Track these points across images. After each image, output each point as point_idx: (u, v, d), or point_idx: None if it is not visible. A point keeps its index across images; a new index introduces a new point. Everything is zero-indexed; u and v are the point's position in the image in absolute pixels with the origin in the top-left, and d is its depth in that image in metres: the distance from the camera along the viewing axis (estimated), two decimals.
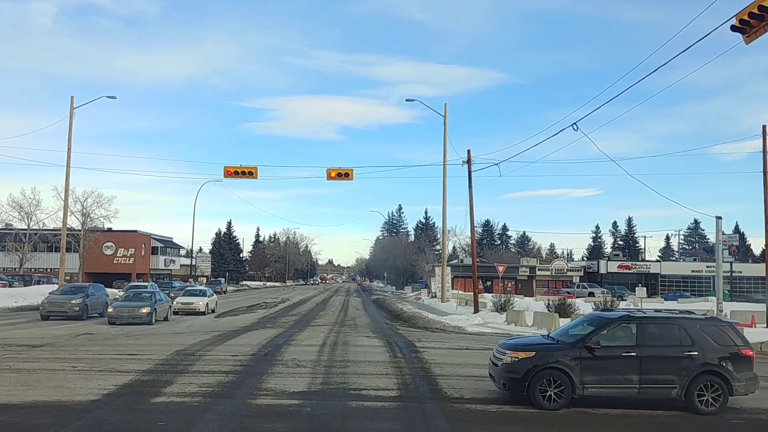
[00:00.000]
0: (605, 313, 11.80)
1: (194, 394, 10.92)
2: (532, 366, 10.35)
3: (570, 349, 10.55)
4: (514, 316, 29.61)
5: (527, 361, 10.44)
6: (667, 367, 10.41)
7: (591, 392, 10.34)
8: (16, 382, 11.67)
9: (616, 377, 10.35)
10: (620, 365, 10.36)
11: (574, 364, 10.34)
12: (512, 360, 10.58)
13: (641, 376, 10.31)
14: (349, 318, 33.76)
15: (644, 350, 10.43)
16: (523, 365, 10.41)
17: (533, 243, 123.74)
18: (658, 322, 10.96)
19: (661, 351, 10.51)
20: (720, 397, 10.40)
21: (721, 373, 10.44)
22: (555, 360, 10.41)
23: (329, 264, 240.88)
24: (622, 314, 11.30)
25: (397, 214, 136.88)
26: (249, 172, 35.81)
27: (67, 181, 42.06)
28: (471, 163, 34.88)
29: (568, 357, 10.41)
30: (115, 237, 70.72)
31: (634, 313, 11.44)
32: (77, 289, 30.12)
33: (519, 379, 10.38)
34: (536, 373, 10.31)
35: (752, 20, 11.99)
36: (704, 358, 10.46)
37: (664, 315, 11.63)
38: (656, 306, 40.93)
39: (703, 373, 10.41)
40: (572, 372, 10.29)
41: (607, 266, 76.45)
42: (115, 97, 43.18)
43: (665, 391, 10.41)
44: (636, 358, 10.35)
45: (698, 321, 11.07)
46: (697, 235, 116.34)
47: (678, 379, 10.37)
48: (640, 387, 10.33)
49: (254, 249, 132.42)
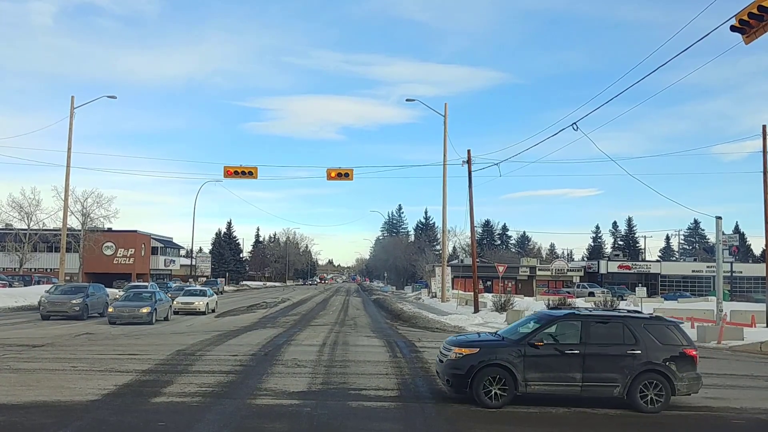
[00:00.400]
0: (551, 311, 11.76)
1: (194, 394, 10.93)
2: (476, 362, 10.25)
3: (514, 346, 10.48)
4: (514, 316, 29.57)
5: (471, 357, 10.35)
6: (611, 366, 10.36)
7: (533, 390, 10.27)
8: (16, 382, 11.67)
9: (559, 375, 10.29)
10: (564, 363, 10.30)
11: (517, 361, 10.25)
12: (457, 356, 10.48)
13: (584, 374, 10.26)
14: (349, 318, 33.77)
15: (588, 348, 10.38)
16: (466, 362, 10.32)
17: (533, 243, 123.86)
18: (603, 320, 10.97)
19: (605, 349, 10.45)
20: (662, 396, 10.36)
21: (664, 372, 10.41)
22: (499, 357, 10.31)
23: (329, 264, 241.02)
24: (567, 312, 11.33)
25: (397, 214, 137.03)
26: (249, 172, 35.83)
27: (67, 181, 42.09)
28: (471, 163, 34.92)
29: (513, 354, 10.32)
30: (115, 237, 70.73)
31: (579, 311, 11.49)
32: (77, 289, 30.14)
33: (462, 375, 10.28)
34: (479, 369, 10.22)
35: (752, 20, 12.00)
36: (647, 357, 10.42)
37: (609, 313, 11.81)
38: (656, 305, 40.95)
39: (645, 372, 10.36)
40: (515, 369, 10.21)
41: (607, 266, 76.44)
42: (115, 97, 43.29)
43: (608, 389, 10.37)
44: (579, 356, 10.31)
45: (643, 320, 11.05)
46: (697, 235, 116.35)
47: (621, 377, 10.32)
48: (582, 385, 10.28)
49: (254, 249, 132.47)
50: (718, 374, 15.35)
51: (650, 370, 10.38)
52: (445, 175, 42.64)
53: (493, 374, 10.22)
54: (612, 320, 10.93)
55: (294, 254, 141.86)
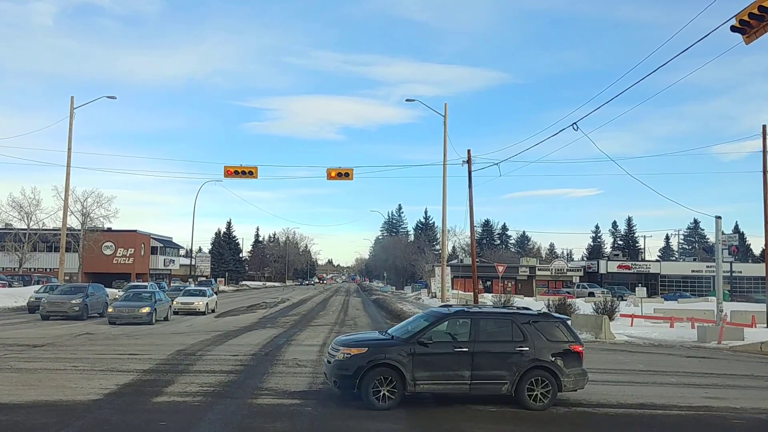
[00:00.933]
0: (440, 309, 11.59)
1: (195, 393, 10.94)
2: (365, 363, 9.95)
3: (404, 345, 10.25)
4: None
5: (359, 357, 10.03)
6: (499, 363, 10.30)
7: (422, 389, 10.08)
8: (18, 382, 11.68)
9: (448, 373, 10.15)
10: (452, 361, 10.17)
11: (406, 360, 10.01)
12: (344, 357, 10.14)
13: (473, 371, 10.16)
14: (349, 318, 33.77)
15: (477, 346, 10.29)
16: (354, 362, 10.00)
17: (533, 243, 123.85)
18: (492, 317, 11.02)
19: (494, 347, 10.40)
20: (549, 392, 10.35)
21: (551, 368, 10.41)
22: (387, 356, 10.04)
23: (329, 264, 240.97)
24: (457, 309, 11.22)
25: (397, 214, 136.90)
26: (249, 171, 35.81)
27: (67, 181, 42.09)
28: (471, 162, 34.89)
29: (402, 353, 10.08)
30: (115, 237, 70.71)
31: (468, 309, 11.45)
32: (77, 289, 30.12)
33: (350, 376, 9.97)
34: (368, 369, 9.93)
35: (752, 21, 12.01)
36: (535, 353, 10.40)
37: (497, 310, 11.87)
38: (656, 305, 40.97)
39: (533, 369, 10.35)
40: (404, 368, 9.97)
41: (607, 266, 76.47)
42: (115, 97, 43.27)
43: (496, 386, 10.31)
44: (468, 354, 10.21)
45: (531, 317, 11.03)
46: (696, 235, 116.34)
47: (509, 374, 10.27)
48: (471, 383, 10.18)
49: (254, 249, 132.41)
50: (718, 374, 15.39)
51: (538, 367, 10.37)
52: (445, 175, 42.60)
53: (382, 374, 9.96)
54: (501, 317, 10.97)
55: (294, 254, 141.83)
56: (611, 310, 29.04)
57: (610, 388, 12.74)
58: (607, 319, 24.60)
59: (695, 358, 18.92)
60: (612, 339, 23.22)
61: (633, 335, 24.91)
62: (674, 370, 15.86)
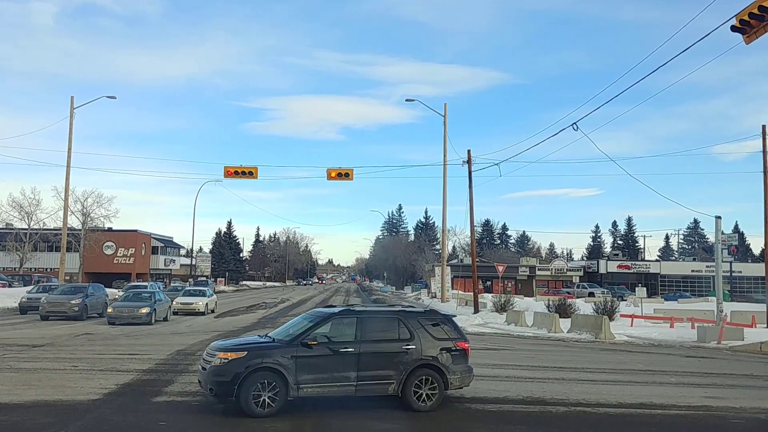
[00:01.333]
0: (325, 309, 11.20)
1: (195, 393, 10.93)
2: (244, 367, 9.32)
3: (286, 347, 9.72)
4: (514, 316, 29.63)
5: (238, 362, 9.40)
6: (386, 363, 10.00)
7: (307, 393, 9.58)
8: (17, 382, 11.68)
9: (334, 375, 9.73)
10: (338, 362, 9.77)
11: (289, 363, 9.50)
12: (221, 362, 9.47)
13: (359, 372, 9.79)
14: None
15: (363, 346, 9.96)
16: (233, 367, 9.35)
17: (533, 243, 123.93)
18: (378, 316, 10.83)
19: (380, 346, 10.09)
20: (435, 392, 10.13)
21: (438, 366, 10.22)
22: (268, 360, 9.47)
23: (329, 264, 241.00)
24: (342, 309, 10.91)
25: (397, 214, 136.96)
26: (249, 172, 35.84)
27: (67, 181, 42.12)
28: (471, 163, 34.94)
29: (284, 356, 9.56)
30: (115, 237, 70.73)
31: (354, 308, 11.19)
32: (77, 289, 30.13)
33: (228, 382, 9.28)
34: (247, 375, 9.30)
35: (752, 20, 12.02)
36: (422, 352, 10.19)
37: (384, 309, 11.62)
38: (657, 305, 40.98)
39: (420, 367, 10.12)
40: (287, 372, 9.44)
41: (606, 266, 76.47)
42: (115, 97, 43.34)
43: (383, 386, 9.98)
44: (354, 355, 9.84)
45: (417, 314, 10.85)
46: (696, 234, 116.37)
47: (396, 374, 9.99)
48: (357, 384, 9.79)
49: (254, 249, 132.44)
50: (717, 374, 15.38)
51: (424, 365, 10.16)
52: (445, 175, 42.65)
53: (263, 379, 9.36)
54: (388, 316, 10.77)
55: (294, 254, 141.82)
56: (611, 310, 29.03)
57: (610, 388, 12.74)
58: (607, 319, 24.60)
59: (695, 358, 18.91)
60: (612, 339, 23.22)
61: (633, 335, 24.90)
62: (674, 370, 15.85)
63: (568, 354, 18.91)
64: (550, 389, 12.22)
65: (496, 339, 23.38)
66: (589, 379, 13.92)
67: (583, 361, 17.06)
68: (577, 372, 14.86)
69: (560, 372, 14.66)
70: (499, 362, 16.29)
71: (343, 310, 10.71)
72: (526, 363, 16.19)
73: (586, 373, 14.81)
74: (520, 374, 14.16)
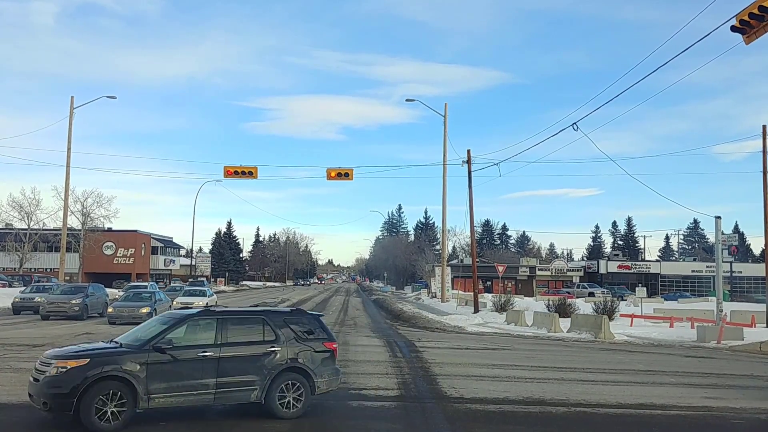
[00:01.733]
0: (181, 310, 10.53)
1: None
2: (84, 377, 8.28)
3: (136, 353, 8.76)
4: (514, 316, 29.64)
5: (78, 371, 8.34)
6: (248, 367, 9.26)
7: (158, 403, 8.69)
8: (17, 382, 11.66)
9: (190, 383, 8.84)
10: (195, 368, 8.91)
11: (139, 371, 8.58)
12: (58, 371, 8.38)
13: (219, 379, 9.00)
14: (349, 318, 33.79)
15: (224, 349, 9.16)
16: (72, 377, 8.29)
17: (533, 243, 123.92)
18: (241, 316, 10.02)
19: (243, 349, 9.34)
20: (302, 396, 9.49)
21: (304, 369, 9.59)
22: (114, 368, 8.49)
23: (329, 264, 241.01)
24: (199, 310, 10.14)
25: (397, 214, 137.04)
26: (249, 172, 35.85)
27: (67, 181, 42.13)
28: (471, 162, 34.97)
29: (133, 363, 8.61)
30: (115, 237, 70.75)
31: (214, 309, 10.53)
32: (77, 289, 30.13)
33: (65, 395, 8.22)
34: (89, 385, 8.29)
35: (752, 21, 12.02)
36: (287, 354, 9.52)
37: (247, 309, 11.11)
38: (657, 305, 40.96)
39: (285, 371, 9.46)
40: (136, 381, 8.52)
41: (607, 266, 76.47)
42: (115, 97, 43.41)
43: (245, 393, 9.21)
44: (214, 359, 9.03)
45: (283, 314, 10.22)
46: (696, 235, 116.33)
47: (260, 379, 9.26)
48: (216, 392, 8.99)
49: (254, 249, 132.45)
50: (717, 374, 15.37)
51: (290, 369, 9.52)
52: (445, 175, 42.67)
53: (108, 390, 8.38)
54: (252, 317, 10.01)
55: (294, 254, 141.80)
56: (611, 310, 29.03)
57: (610, 388, 12.74)
58: (607, 319, 24.60)
59: (695, 357, 18.91)
60: (612, 339, 23.22)
61: (633, 335, 24.91)
62: (674, 370, 15.85)
63: (568, 354, 18.91)
64: (550, 389, 12.22)
65: (495, 339, 23.39)
66: (589, 379, 13.91)
67: (582, 361, 17.06)
68: (577, 372, 14.86)
69: (560, 372, 14.66)
70: (498, 362, 16.30)
71: (201, 311, 9.90)
72: (526, 363, 16.19)
73: (586, 373, 14.82)
74: (520, 374, 14.16)
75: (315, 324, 10.24)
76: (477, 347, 19.94)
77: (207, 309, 10.24)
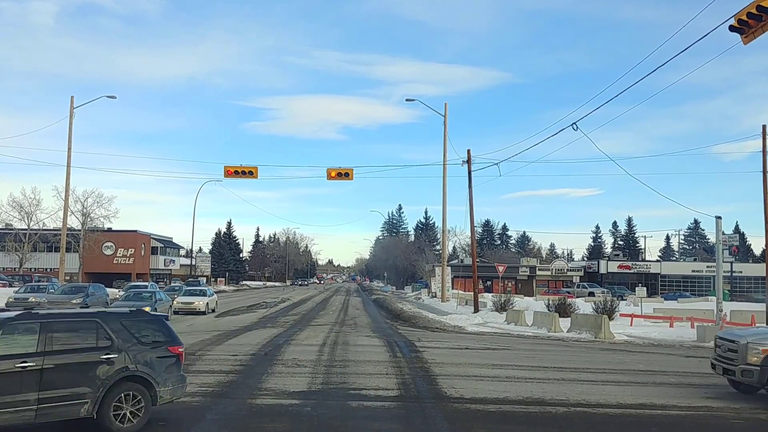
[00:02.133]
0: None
1: (194, 393, 10.92)
2: None
3: None
4: (514, 315, 29.63)
5: None
6: (78, 378, 8.09)
7: None
8: None
9: (5, 399, 7.55)
10: (11, 382, 7.63)
11: None
12: None
13: (41, 393, 7.77)
14: (349, 318, 33.79)
15: (48, 359, 7.93)
16: None
17: (533, 243, 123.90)
18: (70, 320, 8.72)
19: (72, 357, 8.15)
20: (141, 409, 8.49)
21: (144, 377, 8.59)
22: None
23: (329, 264, 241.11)
24: (19, 313, 8.77)
25: (397, 214, 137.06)
26: (249, 171, 35.86)
27: (67, 180, 42.11)
28: (471, 162, 34.97)
29: None
30: (115, 237, 70.75)
31: (37, 311, 9.11)
32: (77, 289, 30.22)
33: None
34: None
35: (750, 21, 12.02)
36: (125, 361, 8.46)
37: (78, 311, 9.97)
38: (656, 305, 40.98)
39: (122, 380, 8.41)
40: None
41: (607, 266, 76.45)
42: (115, 97, 43.33)
43: (73, 408, 8.01)
44: (36, 371, 7.79)
45: (120, 316, 9.10)
46: (697, 235, 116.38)
47: (91, 391, 8.12)
48: (38, 408, 7.74)
49: (254, 249, 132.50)
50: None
51: (128, 378, 8.47)
52: (445, 175, 42.68)
53: None
54: (83, 320, 8.78)
55: (294, 254, 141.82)
56: (611, 309, 29.01)
57: (610, 388, 12.74)
58: (607, 319, 24.59)
59: (695, 357, 18.89)
60: (612, 339, 23.21)
61: (633, 335, 24.89)
62: (674, 370, 15.86)
63: (568, 354, 18.91)
64: (550, 389, 12.22)
65: (495, 338, 23.39)
66: (589, 379, 13.91)
67: (582, 360, 17.06)
68: (577, 372, 14.86)
69: (560, 372, 14.66)
70: (498, 362, 16.29)
71: (20, 314, 8.59)
72: (526, 363, 16.19)
73: (586, 373, 14.81)
74: (519, 374, 14.15)
75: (158, 326, 9.28)
76: (477, 347, 19.93)
77: (28, 312, 8.90)
